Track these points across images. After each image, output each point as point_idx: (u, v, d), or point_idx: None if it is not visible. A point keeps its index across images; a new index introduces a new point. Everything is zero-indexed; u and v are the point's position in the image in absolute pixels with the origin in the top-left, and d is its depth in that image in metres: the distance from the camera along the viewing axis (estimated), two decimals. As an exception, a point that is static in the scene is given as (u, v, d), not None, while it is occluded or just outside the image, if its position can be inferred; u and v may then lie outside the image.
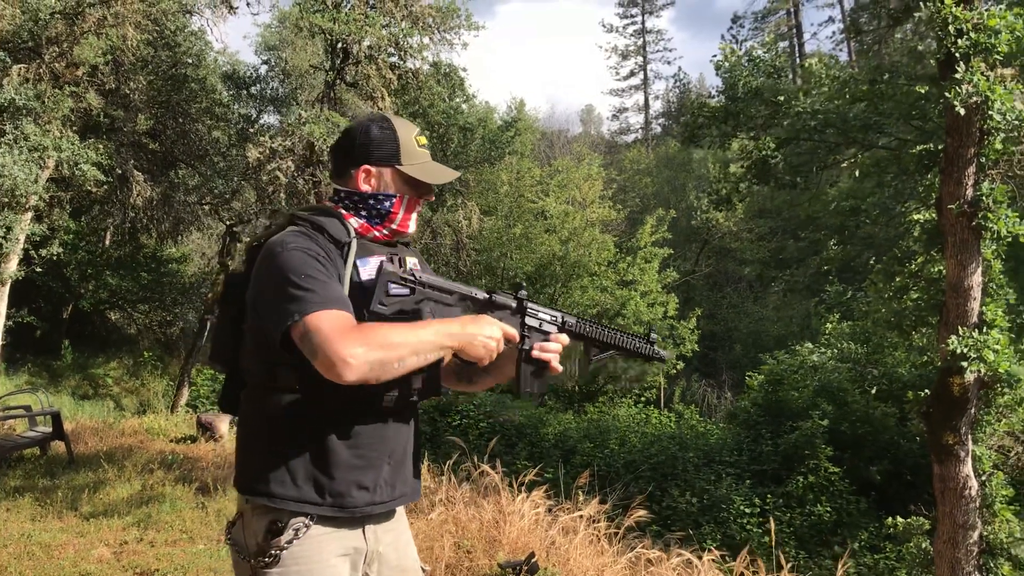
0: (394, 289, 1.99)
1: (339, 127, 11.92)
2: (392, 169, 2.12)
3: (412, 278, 2.01)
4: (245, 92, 18.43)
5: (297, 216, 2.11)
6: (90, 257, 19.46)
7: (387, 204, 2.12)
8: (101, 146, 13.14)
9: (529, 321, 2.17)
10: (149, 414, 14.07)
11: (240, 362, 2.12)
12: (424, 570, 2.32)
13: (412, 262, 2.21)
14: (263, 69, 19.64)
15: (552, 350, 2.17)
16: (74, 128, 12.90)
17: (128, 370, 20.25)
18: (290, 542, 1.96)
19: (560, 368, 2.18)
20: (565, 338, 2.21)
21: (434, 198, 2.24)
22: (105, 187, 14.37)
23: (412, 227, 2.20)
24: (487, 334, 2.00)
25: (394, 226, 2.15)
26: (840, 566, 6.19)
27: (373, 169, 2.12)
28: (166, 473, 8.69)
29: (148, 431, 11.75)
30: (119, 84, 14.16)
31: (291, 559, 1.96)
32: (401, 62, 13.63)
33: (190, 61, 15.77)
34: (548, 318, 2.20)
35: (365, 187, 2.12)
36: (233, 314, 2.13)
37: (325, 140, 11.86)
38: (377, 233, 2.14)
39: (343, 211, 2.12)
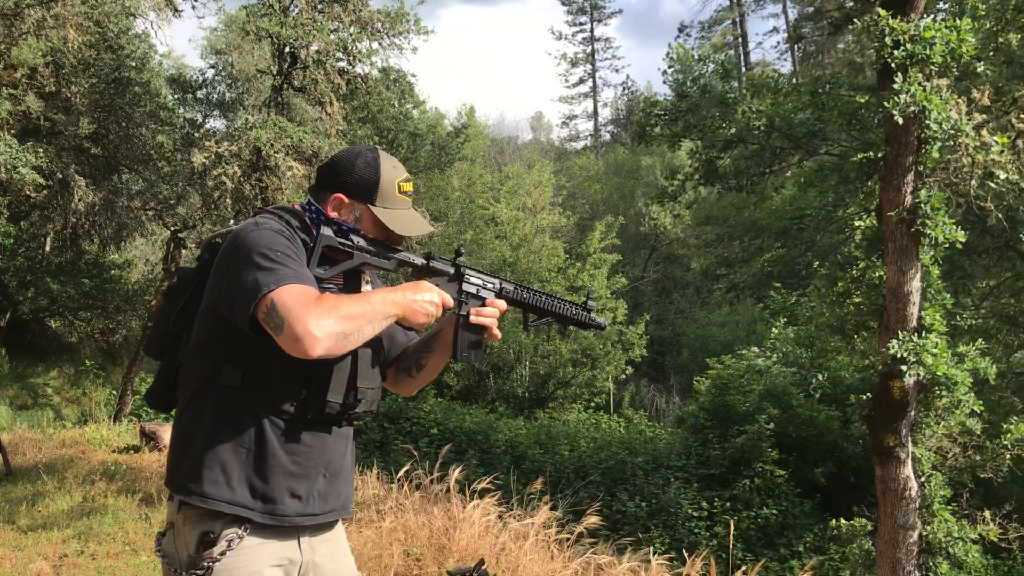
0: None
1: (286, 132, 11.81)
2: (365, 207, 2.11)
3: (350, 243, 2.02)
4: (191, 96, 18.15)
5: (267, 210, 2.11)
6: (29, 264, 19.00)
7: (350, 239, 2.10)
8: (41, 150, 12.84)
9: (466, 287, 2.18)
10: (91, 424, 13.75)
11: (179, 357, 2.09)
12: None
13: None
14: (209, 73, 19.38)
15: (489, 315, 2.18)
16: (12, 131, 12.59)
17: (69, 379, 19.79)
18: (223, 553, 1.92)
19: (499, 334, 2.19)
20: (503, 304, 2.22)
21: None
22: (45, 192, 14.04)
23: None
24: (426, 299, 2.02)
25: None
26: (803, 573, 6.28)
27: (347, 200, 2.11)
28: (108, 484, 8.51)
29: (90, 441, 11.49)
30: (60, 87, 13.86)
31: (223, 571, 1.93)
32: (350, 67, 13.54)
33: (134, 64, 15.47)
34: (486, 284, 2.21)
35: (333, 214, 2.11)
36: (177, 307, 2.11)
37: (272, 145, 11.73)
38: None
39: (308, 221, 2.11)
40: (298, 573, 2.08)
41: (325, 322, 1.80)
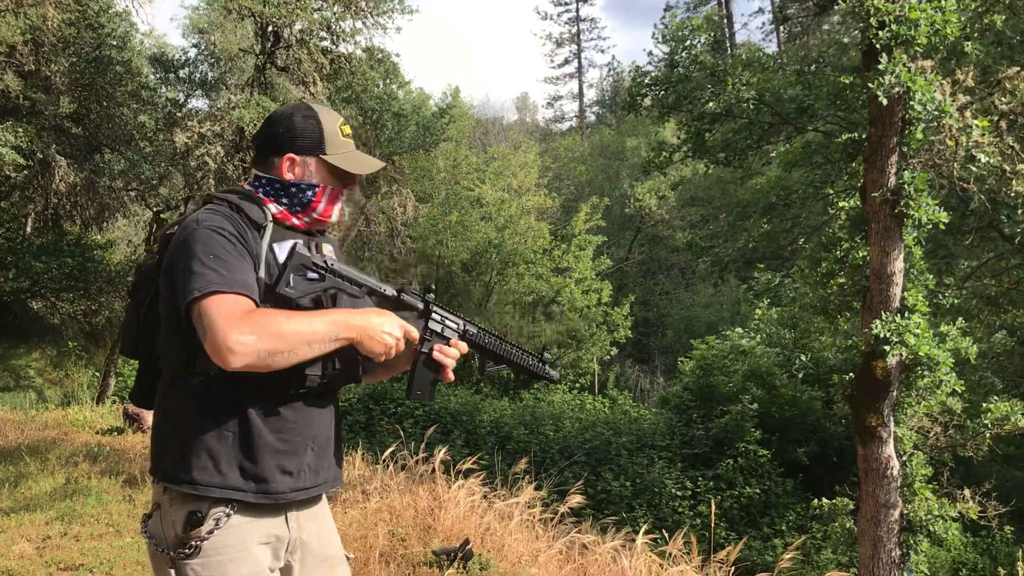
0: (310, 275, 1.99)
1: (269, 112, 11.73)
2: (316, 159, 2.11)
3: (324, 266, 2.00)
4: (173, 75, 17.95)
5: (215, 196, 2.08)
6: (10, 244, 18.82)
7: (309, 194, 2.11)
8: (21, 129, 12.71)
9: (432, 325, 2.18)
10: (74, 406, 13.68)
11: (154, 351, 2.09)
12: (348, 557, 2.28)
13: (328, 250, 2.21)
14: (192, 52, 19.16)
15: (451, 355, 2.19)
16: (-9, 111, 12.45)
17: (51, 361, 19.67)
18: (211, 532, 1.92)
19: (452, 377, 2.20)
20: (464, 346, 2.23)
21: (358, 187, 2.22)
22: (25, 172, 13.91)
23: (335, 217, 2.19)
24: (387, 330, 1.99)
25: (315, 215, 2.14)
26: (788, 551, 6.33)
27: (298, 158, 2.10)
28: (91, 466, 8.47)
29: (73, 423, 11.43)
30: (39, 66, 13.70)
31: (212, 549, 1.93)
32: (333, 46, 13.47)
33: (115, 43, 15.31)
34: (451, 324, 2.22)
35: (288, 175, 2.10)
36: (144, 304, 2.11)
37: (255, 125, 11.66)
38: (297, 221, 2.12)
39: (262, 196, 2.10)
40: (286, 550, 2.09)
41: (247, 338, 1.78)
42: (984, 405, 8.96)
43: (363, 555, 4.95)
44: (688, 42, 10.29)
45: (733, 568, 5.86)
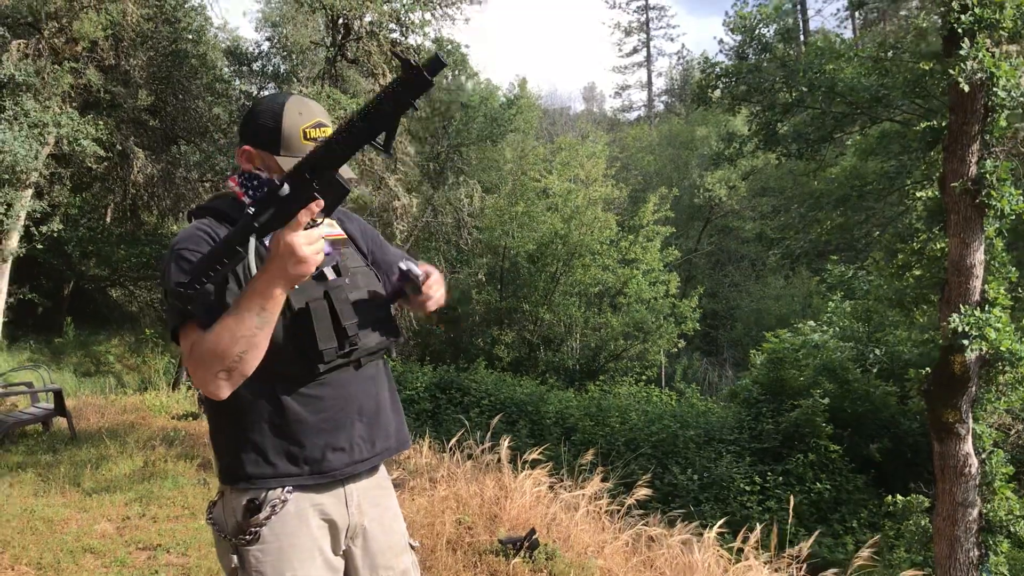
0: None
1: (340, 104, 11.86)
2: (271, 156, 2.02)
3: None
4: (246, 68, 18.29)
5: (200, 208, 2.07)
6: (91, 234, 19.44)
7: (264, 188, 2.04)
8: (101, 122, 13.07)
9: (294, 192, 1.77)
10: (150, 391, 14.07)
11: None
12: (413, 546, 2.28)
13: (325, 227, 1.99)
14: (264, 45, 19.51)
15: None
16: (74, 104, 12.84)
17: (129, 347, 20.28)
18: (268, 518, 1.96)
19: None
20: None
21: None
22: (105, 163, 14.32)
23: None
24: (294, 254, 1.73)
25: None
26: (864, 549, 6.20)
27: (253, 151, 2.03)
28: (168, 449, 8.70)
29: (149, 408, 11.76)
30: (119, 60, 14.07)
31: (271, 535, 1.96)
32: (403, 38, 13.54)
33: (190, 37, 15.63)
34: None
35: (248, 166, 2.05)
36: None
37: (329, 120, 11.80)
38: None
39: (238, 189, 2.06)
40: (346, 535, 2.10)
41: (200, 374, 1.81)
42: (1069, 403, 8.64)
43: (430, 542, 4.99)
44: (758, 31, 10.12)
45: (803, 564, 5.75)
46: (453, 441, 7.40)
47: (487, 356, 19.72)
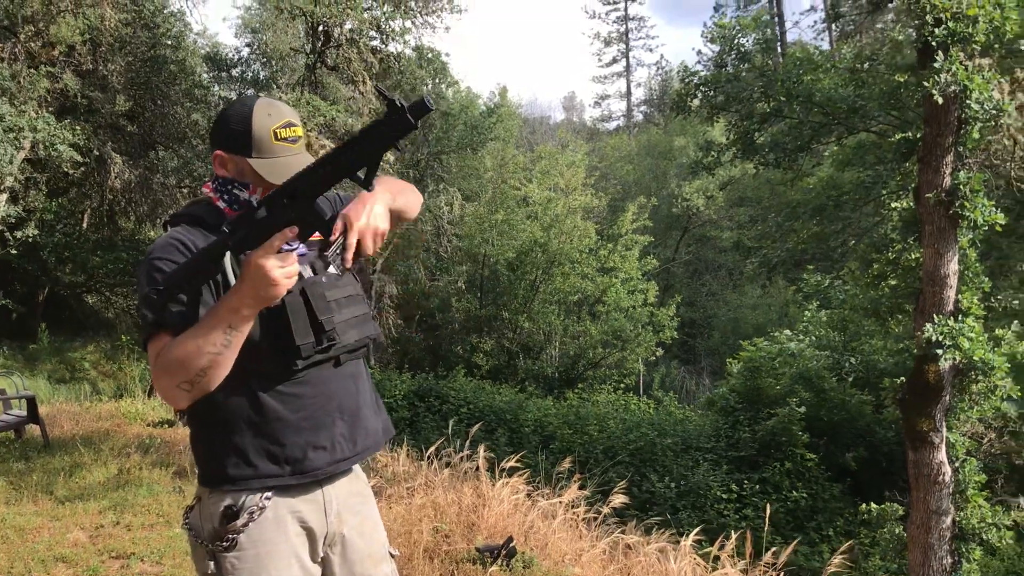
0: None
1: (319, 111, 11.85)
2: (243, 160, 2.01)
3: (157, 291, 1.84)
4: (226, 74, 18.26)
5: (176, 216, 2.06)
6: (67, 239, 19.27)
7: (241, 195, 2.03)
8: (78, 127, 12.99)
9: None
10: (126, 398, 13.95)
11: None
12: (392, 555, 2.26)
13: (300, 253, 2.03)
14: (244, 51, 19.49)
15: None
16: (50, 109, 12.77)
17: (105, 354, 20.08)
18: (246, 525, 1.95)
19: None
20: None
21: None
22: (82, 169, 14.23)
23: None
24: (265, 278, 1.73)
25: None
26: (835, 556, 6.25)
27: (226, 156, 2.02)
28: (143, 457, 8.63)
29: (125, 415, 11.65)
30: (96, 65, 14.00)
31: (248, 542, 1.95)
32: (383, 45, 13.57)
33: (169, 43, 15.58)
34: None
35: (222, 171, 2.04)
36: None
37: (305, 124, 11.79)
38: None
39: (213, 195, 2.05)
40: (324, 543, 2.08)
41: (162, 383, 1.81)
42: (1041, 412, 8.75)
43: (407, 551, 4.98)
44: (736, 41, 10.21)
45: (780, 573, 5.78)
46: (431, 449, 7.38)
47: (466, 364, 19.70)
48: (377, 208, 1.91)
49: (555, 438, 14.44)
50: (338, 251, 1.84)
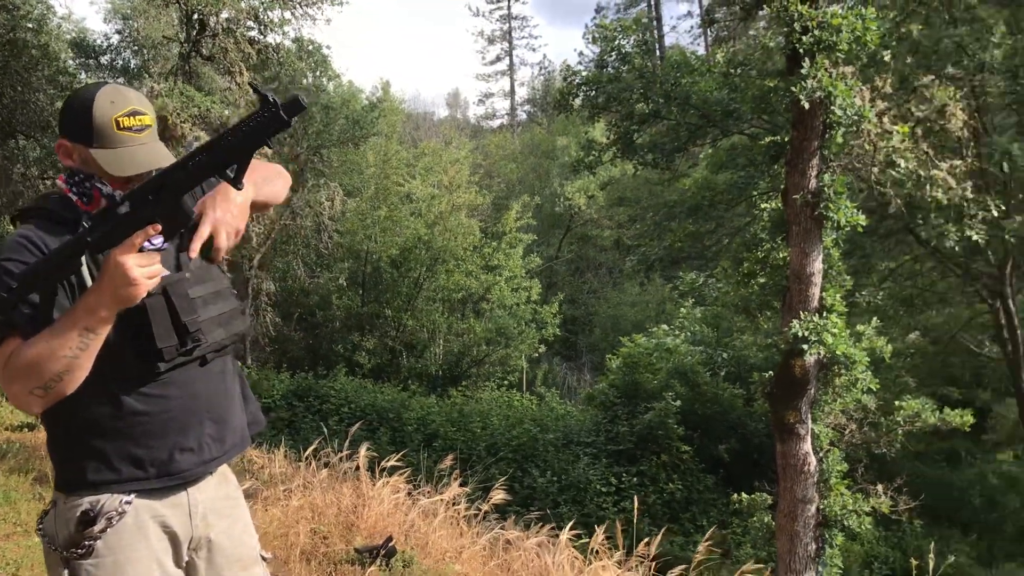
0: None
1: (193, 101, 11.46)
2: (86, 149, 1.88)
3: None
4: (94, 62, 17.45)
5: (24, 212, 1.94)
6: (-85, 233, 18.05)
7: (87, 184, 1.92)
8: (-72, 113, 12.17)
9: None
10: (-18, 402, 13.18)
11: None
12: (265, 558, 2.19)
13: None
14: (114, 38, 18.65)
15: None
16: None
17: (-41, 355, 18.91)
18: (104, 531, 1.85)
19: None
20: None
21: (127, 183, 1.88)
22: (-67, 157, 13.34)
23: None
24: (124, 278, 1.65)
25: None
26: (703, 544, 6.42)
27: (70, 144, 1.91)
28: (0, 463, 8.17)
29: (-20, 420, 11.01)
30: (-52, 47, 13.15)
31: (105, 549, 1.85)
32: (261, 36, 13.21)
33: (31, 26, 14.76)
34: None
35: (67, 161, 1.93)
36: None
37: (178, 114, 11.38)
38: (94, 211, 1.90)
39: (65, 187, 1.94)
40: (187, 548, 2.00)
41: (13, 389, 1.73)
42: (897, 403, 9.25)
43: (284, 553, 4.87)
44: (617, 42, 10.41)
45: (654, 563, 5.92)
46: (310, 450, 7.23)
47: (347, 363, 19.43)
48: (237, 201, 1.83)
49: (438, 436, 14.41)
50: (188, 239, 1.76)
